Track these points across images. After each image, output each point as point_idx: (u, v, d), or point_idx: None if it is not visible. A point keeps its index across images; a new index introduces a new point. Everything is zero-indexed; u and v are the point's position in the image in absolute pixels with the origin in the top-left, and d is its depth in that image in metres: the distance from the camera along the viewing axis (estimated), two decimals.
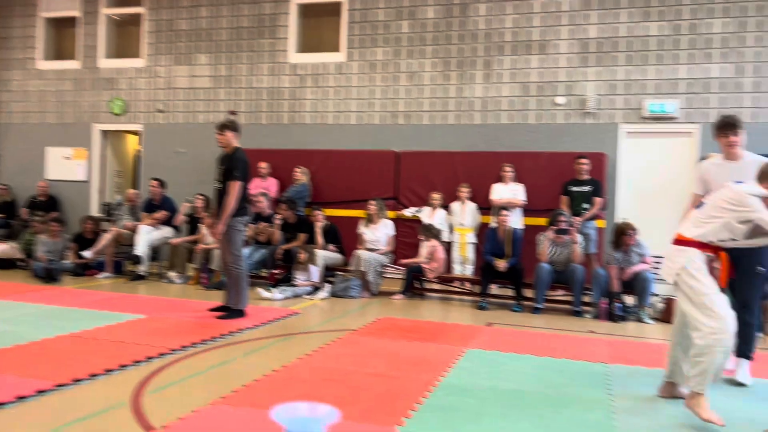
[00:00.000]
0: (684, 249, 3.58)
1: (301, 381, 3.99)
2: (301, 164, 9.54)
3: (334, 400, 3.60)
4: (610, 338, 5.80)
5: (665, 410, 3.66)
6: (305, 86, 10.43)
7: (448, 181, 9.07)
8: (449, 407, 3.56)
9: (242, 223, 5.89)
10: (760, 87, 8.50)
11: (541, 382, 4.15)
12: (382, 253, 7.96)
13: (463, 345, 5.15)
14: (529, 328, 6.19)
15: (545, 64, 9.34)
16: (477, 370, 4.38)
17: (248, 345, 5.01)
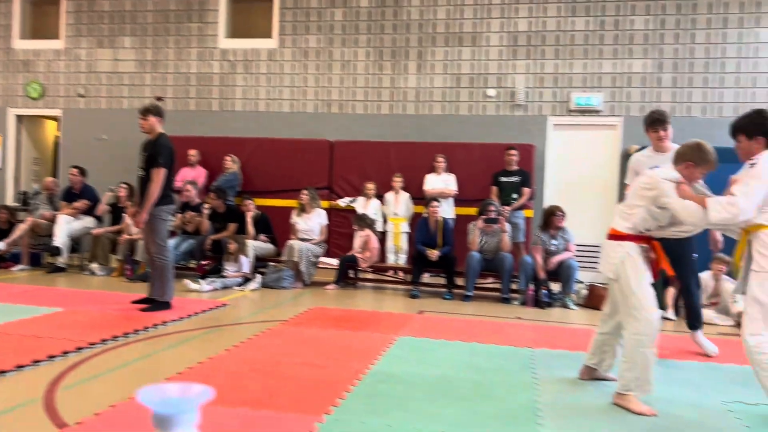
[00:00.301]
0: (621, 243, 3.60)
1: (227, 372, 3.90)
2: (231, 152, 9.31)
3: (260, 391, 3.54)
4: (536, 324, 5.95)
5: (588, 392, 3.78)
6: (236, 73, 10.18)
7: (382, 171, 9.07)
8: (377, 394, 3.56)
9: (167, 212, 5.69)
10: (677, 83, 8.90)
11: (468, 368, 4.21)
12: (315, 243, 7.88)
13: (394, 333, 5.16)
14: (459, 315, 6.27)
15: (477, 56, 9.47)
16: (407, 357, 4.40)
17: (173, 337, 4.85)
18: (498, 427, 3.13)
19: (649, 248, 3.64)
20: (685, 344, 5.05)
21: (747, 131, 3.43)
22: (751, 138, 3.41)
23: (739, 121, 3.52)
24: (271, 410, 3.24)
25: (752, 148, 3.41)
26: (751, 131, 3.41)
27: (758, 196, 3.23)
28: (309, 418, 3.14)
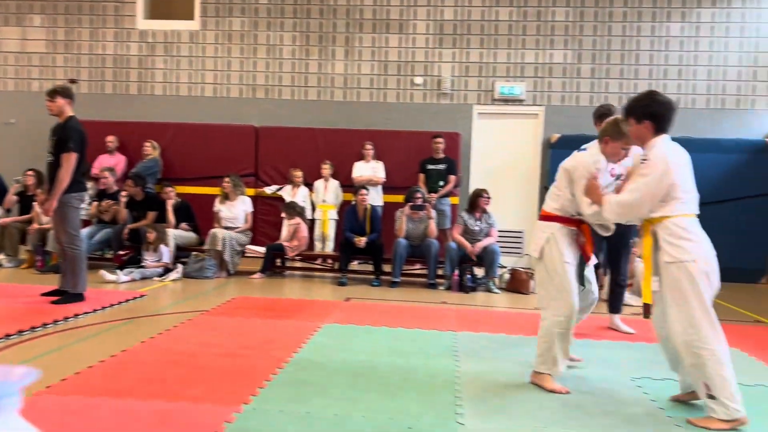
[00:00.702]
0: (548, 224, 3.60)
1: (141, 365, 3.74)
2: (151, 138, 8.97)
3: (175, 383, 3.42)
4: (460, 308, 6.04)
5: (505, 372, 3.86)
6: (155, 55, 9.78)
7: (310, 158, 8.97)
8: (299, 382, 3.50)
9: (78, 199, 5.39)
10: (595, 73, 9.21)
11: (391, 353, 4.22)
12: (239, 232, 7.70)
13: (320, 321, 5.11)
14: (385, 301, 6.29)
15: (404, 43, 9.47)
16: (330, 345, 4.37)
17: (86, 330, 4.62)
18: (417, 410, 3.15)
19: (578, 231, 3.60)
20: (602, 323, 5.25)
21: (635, 114, 3.19)
22: (640, 121, 3.17)
23: (628, 103, 3.29)
24: (187, 402, 3.14)
25: (641, 132, 3.19)
26: (639, 114, 3.17)
27: (648, 194, 3.08)
28: (226, 408, 3.05)
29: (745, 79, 8.99)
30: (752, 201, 8.66)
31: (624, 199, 3.17)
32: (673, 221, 3.07)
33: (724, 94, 9.03)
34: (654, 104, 3.18)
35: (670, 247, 3.04)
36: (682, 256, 3.01)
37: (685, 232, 3.05)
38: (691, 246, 3.03)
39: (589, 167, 3.49)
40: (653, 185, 3.08)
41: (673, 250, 3.03)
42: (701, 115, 9.05)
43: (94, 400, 3.12)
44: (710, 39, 9.03)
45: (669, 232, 3.06)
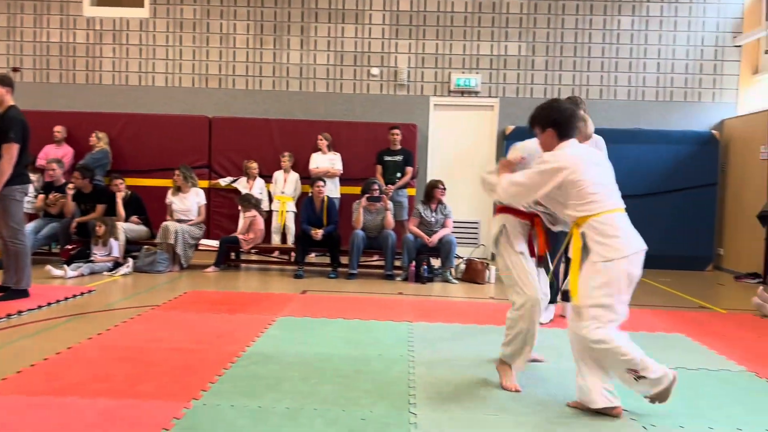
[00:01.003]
0: (501, 216, 3.56)
1: (87, 362, 3.64)
2: (100, 128, 8.70)
3: (123, 380, 3.34)
4: (416, 299, 6.07)
5: (459, 362, 3.89)
6: (104, 43, 9.49)
7: (265, 149, 8.86)
8: (251, 376, 3.46)
9: (21, 191, 5.19)
10: (549, 66, 9.33)
11: (347, 344, 4.20)
12: (192, 224, 7.55)
13: (274, 314, 5.06)
14: (342, 293, 6.27)
15: (360, 34, 9.42)
16: (285, 337, 4.32)
17: (30, 327, 4.47)
18: (371, 401, 3.14)
19: (530, 224, 3.54)
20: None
21: (539, 123, 3.24)
22: (544, 130, 3.21)
23: (532, 114, 3.31)
24: (134, 399, 3.06)
25: (547, 140, 3.21)
26: (543, 123, 3.22)
27: (534, 183, 3.13)
28: (175, 404, 2.99)
29: (692, 72, 9.25)
30: (700, 190, 8.94)
31: (514, 179, 3.23)
32: (597, 220, 3.03)
33: (673, 87, 9.28)
34: (554, 113, 3.21)
35: (598, 247, 3.01)
36: (610, 254, 2.99)
37: (612, 229, 3.01)
38: (618, 243, 3.00)
39: (518, 150, 3.51)
40: (539, 178, 3.13)
41: (602, 249, 3.00)
42: (651, 108, 9.28)
43: (36, 400, 3.01)
44: (659, 33, 9.24)
45: (596, 232, 3.02)
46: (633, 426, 2.95)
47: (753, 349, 4.45)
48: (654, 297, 6.57)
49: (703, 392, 3.45)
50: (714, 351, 4.33)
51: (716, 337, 4.76)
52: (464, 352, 4.11)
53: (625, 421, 2.99)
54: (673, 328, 5.00)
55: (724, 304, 6.36)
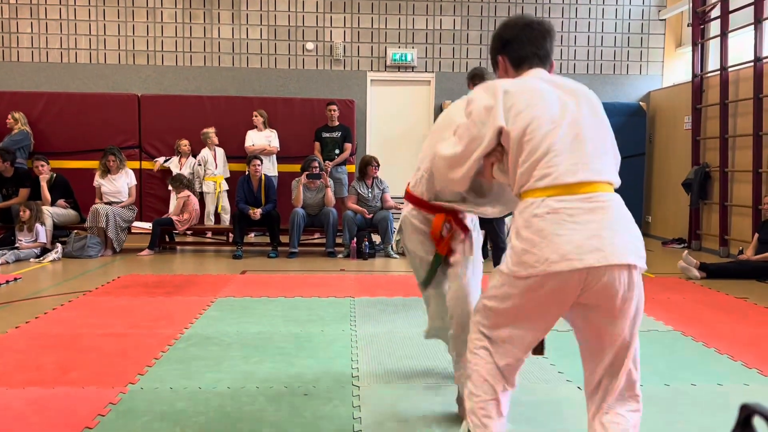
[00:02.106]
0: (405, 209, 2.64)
1: (16, 351, 3.47)
2: (20, 108, 8.23)
3: (54, 368, 3.21)
4: (358, 275, 6.07)
5: (401, 334, 3.92)
6: (20, 18, 8.94)
7: (198, 127, 8.58)
8: (190, 358, 3.38)
9: None
10: (483, 40, 9.40)
11: (288, 322, 4.16)
12: (123, 207, 7.28)
13: (213, 295, 4.96)
14: (283, 272, 6.20)
15: (293, 7, 9.22)
16: (224, 318, 4.25)
17: None
18: (314, 376, 3.13)
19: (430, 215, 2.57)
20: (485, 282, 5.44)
21: (492, 55, 2.21)
22: (496, 62, 2.19)
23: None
24: (66, 387, 2.94)
25: (501, 76, 2.19)
26: (493, 53, 2.18)
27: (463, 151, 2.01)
28: (111, 390, 2.89)
29: (619, 45, 9.51)
30: (629, 161, 9.23)
31: (441, 151, 2.15)
32: (525, 204, 2.01)
33: (602, 60, 9.52)
34: (503, 30, 2.15)
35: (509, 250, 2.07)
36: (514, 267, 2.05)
37: (537, 220, 1.98)
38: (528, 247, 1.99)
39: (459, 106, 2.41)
40: (470, 128, 2.03)
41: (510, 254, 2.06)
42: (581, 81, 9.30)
43: None
44: (589, 6, 9.45)
45: (516, 225, 2.06)
46: (569, 387, 3.05)
47: (679, 309, 4.67)
48: None
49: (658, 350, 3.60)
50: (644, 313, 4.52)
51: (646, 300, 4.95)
52: (406, 325, 4.15)
53: (562, 383, 3.09)
54: None
55: (653, 269, 6.65)
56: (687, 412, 2.79)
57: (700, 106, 8.17)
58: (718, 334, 3.99)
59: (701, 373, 3.27)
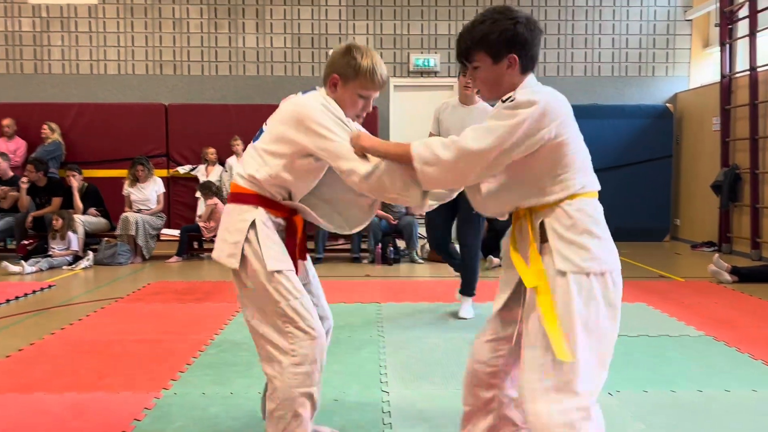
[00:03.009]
0: (243, 209, 2.22)
1: (52, 357, 3.56)
2: (52, 119, 8.43)
3: (90, 373, 3.28)
4: (384, 280, 6.09)
5: (428, 339, 3.93)
6: (51, 31, 9.16)
7: (224, 135, 8.69)
8: (220, 363, 3.43)
9: None
10: None
11: None
12: (152, 214, 7.40)
13: None
14: None
15: (317, 15, 9.30)
16: None
17: None
18: (343, 382, 3.16)
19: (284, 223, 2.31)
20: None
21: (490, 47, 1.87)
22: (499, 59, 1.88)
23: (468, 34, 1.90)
24: (103, 392, 3.01)
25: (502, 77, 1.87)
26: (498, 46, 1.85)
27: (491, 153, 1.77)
28: (145, 395, 2.95)
29: (645, 47, 9.42)
30: (655, 163, 9.16)
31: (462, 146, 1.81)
32: (572, 206, 1.86)
33: (628, 62, 9.44)
34: (518, 26, 1.86)
35: (566, 248, 1.81)
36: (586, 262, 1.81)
37: (592, 224, 1.87)
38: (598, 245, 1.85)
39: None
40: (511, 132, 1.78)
41: (571, 252, 1.81)
42: (606, 83, 9.43)
43: (2, 398, 2.94)
44: (613, 8, 9.37)
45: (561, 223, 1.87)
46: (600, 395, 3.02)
47: (710, 314, 4.61)
48: None
49: (665, 358, 3.56)
50: (674, 318, 4.47)
51: (676, 304, 4.92)
52: (432, 330, 4.16)
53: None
54: (635, 298, 5.14)
55: (683, 272, 6.56)
56: (721, 418, 2.76)
57: (729, 107, 8.05)
58: (751, 339, 3.93)
59: (735, 379, 3.22)
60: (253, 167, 2.15)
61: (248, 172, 2.15)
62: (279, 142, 2.12)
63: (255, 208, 2.14)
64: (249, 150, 2.21)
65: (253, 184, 2.14)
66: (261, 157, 2.14)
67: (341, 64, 2.16)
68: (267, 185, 2.13)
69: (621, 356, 3.54)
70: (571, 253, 1.77)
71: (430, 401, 2.91)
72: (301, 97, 2.20)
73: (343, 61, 2.16)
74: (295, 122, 2.09)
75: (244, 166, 2.18)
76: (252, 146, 2.21)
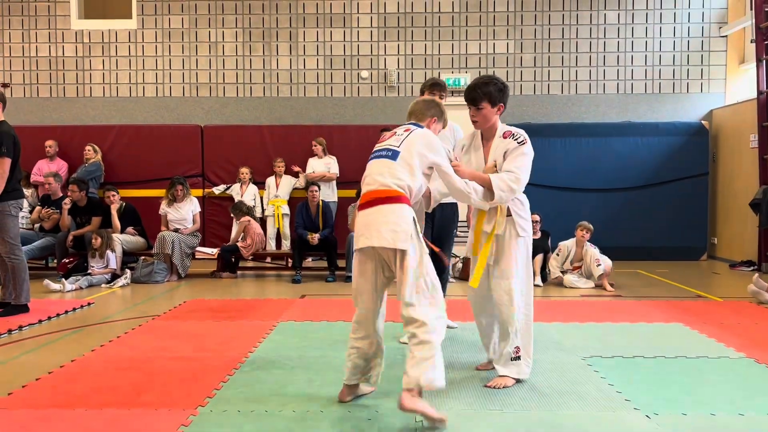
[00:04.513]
0: (400, 207, 2.99)
1: (93, 374, 3.64)
2: (92, 141, 8.70)
3: (128, 390, 3.35)
4: None
5: (458, 357, 3.91)
6: (92, 56, 9.49)
7: (258, 155, 8.88)
8: (255, 381, 3.48)
9: (16, 207, 5.18)
10: (537, 62, 9.39)
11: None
12: (188, 233, 7.55)
13: (275, 319, 5.07)
14: (341, 296, 6.28)
15: (348, 37, 9.46)
16: (286, 342, 4.34)
17: (32, 342, 4.46)
18: (375, 401, 3.16)
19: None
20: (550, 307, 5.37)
21: (492, 98, 3.35)
22: (495, 104, 3.36)
23: (476, 89, 3.38)
24: (141, 408, 3.07)
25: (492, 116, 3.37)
26: (495, 98, 3.36)
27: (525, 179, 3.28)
28: (182, 412, 3.00)
29: (679, 63, 9.33)
30: (691, 181, 9.01)
31: (512, 179, 3.23)
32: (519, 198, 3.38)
33: (661, 79, 9.35)
34: (505, 87, 3.40)
35: (521, 220, 3.35)
36: (526, 230, 3.37)
37: (524, 208, 3.39)
38: (525, 223, 3.37)
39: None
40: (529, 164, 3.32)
41: (524, 223, 3.36)
42: (640, 101, 9.35)
43: (44, 413, 3.02)
44: (645, 26, 9.32)
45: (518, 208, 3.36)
46: (636, 415, 2.98)
47: (750, 335, 4.50)
48: (651, 288, 6.62)
49: (703, 380, 3.49)
50: (713, 339, 4.38)
51: (714, 325, 4.81)
52: (463, 349, 4.15)
53: (629, 411, 3.03)
54: (672, 318, 5.04)
55: (720, 292, 6.42)
56: None
57: (767, 123, 7.89)
58: None
59: None
60: (406, 176, 2.96)
61: (401, 180, 2.95)
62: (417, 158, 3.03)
63: (408, 207, 2.93)
64: (388, 163, 3.01)
65: (403, 189, 2.94)
66: (409, 169, 2.99)
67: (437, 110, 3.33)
68: (414, 190, 3.00)
69: (658, 378, 3.49)
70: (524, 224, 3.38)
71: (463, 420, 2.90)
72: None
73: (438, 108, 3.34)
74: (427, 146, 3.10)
75: (395, 174, 2.97)
76: (391, 162, 3.00)
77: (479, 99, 3.34)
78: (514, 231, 3.35)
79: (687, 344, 4.24)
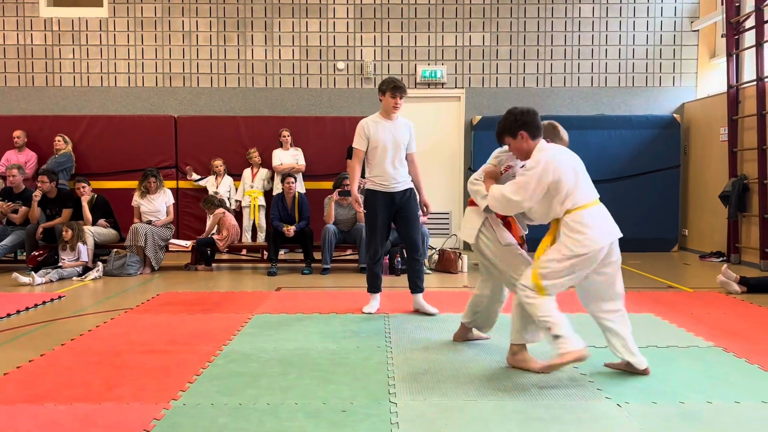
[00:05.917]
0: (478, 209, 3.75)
1: (62, 368, 3.58)
2: (62, 131, 8.53)
3: (99, 384, 3.30)
4: (391, 290, 6.09)
5: (436, 350, 3.93)
6: (62, 44, 9.28)
7: (233, 147, 8.78)
8: (229, 375, 3.45)
9: None
10: (513, 55, 9.42)
11: (324, 338, 4.21)
12: (161, 225, 7.45)
13: (249, 312, 5.04)
14: (317, 288, 6.27)
15: (324, 28, 9.38)
16: (261, 335, 4.31)
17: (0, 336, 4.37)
18: (351, 393, 3.16)
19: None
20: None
21: (510, 132, 3.45)
22: (515, 136, 3.42)
23: (498, 129, 3.53)
24: (113, 402, 3.03)
25: (522, 145, 3.43)
26: (513, 130, 3.43)
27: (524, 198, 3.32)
28: (155, 406, 2.97)
29: (651, 57, 9.44)
30: (663, 173, 9.15)
31: (507, 194, 3.38)
32: (570, 217, 3.31)
33: (634, 73, 9.46)
34: (520, 116, 3.42)
35: (568, 240, 3.29)
36: (577, 249, 3.27)
37: (580, 226, 3.28)
38: (582, 238, 3.26)
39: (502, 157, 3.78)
40: (533, 185, 3.31)
41: (567, 240, 3.29)
42: (613, 94, 9.45)
43: (12, 408, 2.96)
44: (619, 19, 9.41)
45: (568, 228, 3.31)
46: (607, 404, 3.02)
47: (720, 325, 4.59)
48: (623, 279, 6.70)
49: (673, 369, 3.55)
50: (683, 329, 4.46)
51: (684, 315, 4.90)
52: (441, 341, 4.16)
53: (600, 400, 3.07)
54: (643, 308, 5.12)
55: (691, 283, 6.54)
56: (731, 430, 2.74)
57: (737, 117, 8.04)
58: (760, 350, 3.91)
59: (744, 390, 3.21)
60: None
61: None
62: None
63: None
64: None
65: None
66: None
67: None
68: None
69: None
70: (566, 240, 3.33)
71: (439, 412, 2.92)
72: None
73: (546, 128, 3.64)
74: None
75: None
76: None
77: (502, 139, 3.54)
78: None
79: (657, 334, 4.31)
